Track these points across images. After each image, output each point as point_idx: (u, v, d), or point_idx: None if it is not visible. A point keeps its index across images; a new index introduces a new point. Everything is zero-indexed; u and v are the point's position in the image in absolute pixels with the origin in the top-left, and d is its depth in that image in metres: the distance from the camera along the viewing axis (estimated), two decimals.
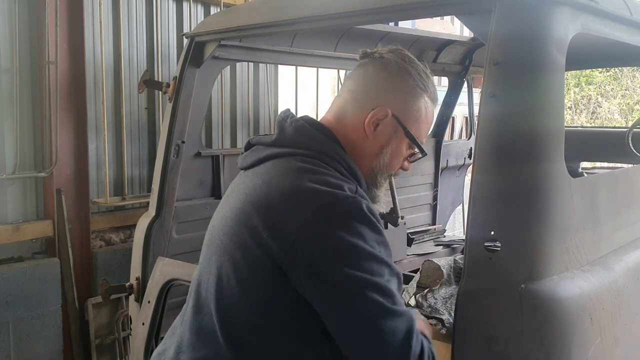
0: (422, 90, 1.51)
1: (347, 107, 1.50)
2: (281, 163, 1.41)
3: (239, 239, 1.37)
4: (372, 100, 1.48)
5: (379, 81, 1.50)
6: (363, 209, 1.31)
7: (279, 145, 1.45)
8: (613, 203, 1.99)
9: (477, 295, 1.63)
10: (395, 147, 1.50)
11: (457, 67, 4.11)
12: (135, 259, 2.81)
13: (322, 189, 1.31)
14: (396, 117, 1.47)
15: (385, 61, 1.51)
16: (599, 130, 5.16)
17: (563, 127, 1.69)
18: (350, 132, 1.48)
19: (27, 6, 3.55)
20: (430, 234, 4.10)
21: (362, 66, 1.54)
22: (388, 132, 1.48)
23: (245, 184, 1.45)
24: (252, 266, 1.34)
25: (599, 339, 1.70)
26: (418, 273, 2.18)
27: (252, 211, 1.35)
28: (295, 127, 1.47)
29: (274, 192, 1.35)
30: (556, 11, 1.67)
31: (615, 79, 13.25)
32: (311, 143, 1.43)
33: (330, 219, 1.28)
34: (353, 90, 1.51)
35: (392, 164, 1.53)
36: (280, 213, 1.31)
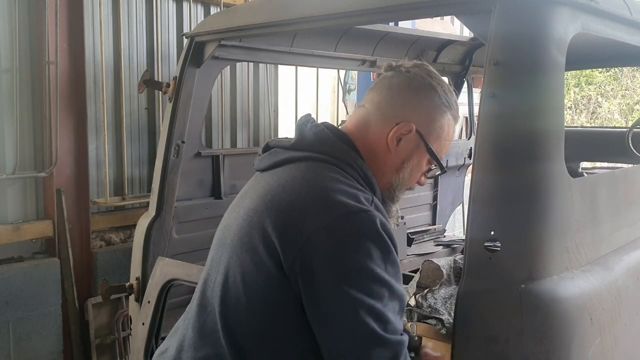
0: (447, 108, 1.51)
1: (370, 118, 1.49)
2: (298, 167, 1.40)
3: (249, 240, 1.36)
4: (396, 114, 1.47)
5: (405, 96, 1.49)
6: (376, 224, 1.29)
7: (297, 149, 1.44)
8: (613, 203, 1.99)
9: (477, 295, 1.62)
10: (416, 162, 1.50)
11: (457, 67, 4.11)
12: (135, 259, 2.81)
13: (336, 198, 1.30)
14: (420, 133, 1.46)
15: (411, 76, 1.50)
16: (599, 130, 5.16)
17: (563, 127, 1.69)
18: (372, 144, 1.47)
19: (27, 6, 3.55)
20: (430, 234, 4.10)
21: (387, 79, 1.53)
22: (410, 148, 1.48)
23: (261, 185, 1.44)
24: (259, 269, 1.33)
25: (599, 339, 1.70)
26: (418, 273, 2.19)
27: (265, 214, 1.34)
28: (315, 132, 1.45)
29: (288, 196, 1.34)
30: (556, 11, 1.67)
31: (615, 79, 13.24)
32: (330, 149, 1.42)
33: (339, 232, 1.26)
34: (377, 103, 1.50)
35: (411, 179, 1.53)
36: (292, 218, 1.30)
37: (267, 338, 1.35)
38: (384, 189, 1.49)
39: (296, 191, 1.34)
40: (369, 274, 1.26)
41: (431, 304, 1.98)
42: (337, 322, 1.27)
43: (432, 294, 2.04)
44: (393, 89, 1.50)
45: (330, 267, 1.25)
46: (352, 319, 1.25)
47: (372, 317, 1.25)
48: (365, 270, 1.26)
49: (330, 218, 1.27)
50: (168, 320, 2.78)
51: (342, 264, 1.25)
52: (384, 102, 1.49)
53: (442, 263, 2.19)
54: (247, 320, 1.35)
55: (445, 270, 2.14)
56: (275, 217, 1.32)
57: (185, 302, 3.28)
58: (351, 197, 1.31)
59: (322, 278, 1.26)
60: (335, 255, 1.25)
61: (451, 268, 2.18)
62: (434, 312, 1.95)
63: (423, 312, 1.95)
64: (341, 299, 1.25)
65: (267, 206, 1.35)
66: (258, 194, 1.41)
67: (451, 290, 2.06)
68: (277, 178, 1.41)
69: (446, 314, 1.93)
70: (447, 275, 2.13)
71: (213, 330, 1.39)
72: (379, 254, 1.27)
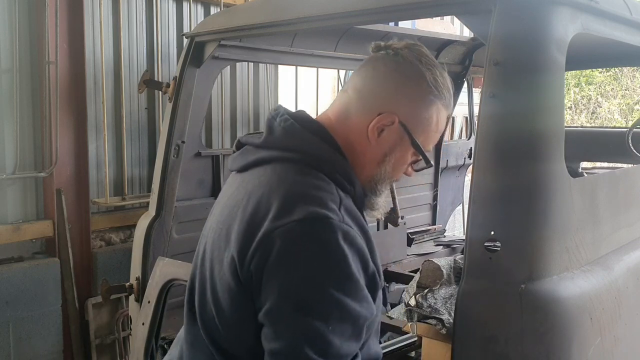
0: (436, 98, 1.36)
1: (351, 106, 1.37)
2: (265, 172, 1.30)
3: (218, 253, 1.30)
4: (379, 103, 1.34)
5: (390, 83, 1.35)
6: (335, 233, 1.15)
7: (266, 148, 1.34)
8: (613, 203, 1.99)
9: (477, 295, 1.62)
10: (400, 155, 1.38)
11: (457, 67, 4.11)
12: (135, 259, 2.81)
13: (296, 203, 1.19)
14: (403, 124, 1.34)
15: (399, 59, 1.35)
16: (599, 130, 5.16)
17: (563, 127, 1.69)
18: (351, 135, 1.35)
19: (27, 6, 3.55)
20: (430, 234, 4.10)
21: (373, 62, 1.39)
22: (393, 140, 1.35)
23: (232, 192, 1.37)
24: (223, 281, 1.26)
25: (599, 338, 1.70)
26: (418, 273, 2.19)
27: (231, 227, 1.27)
28: (284, 127, 1.33)
29: (252, 208, 1.24)
30: (556, 11, 1.67)
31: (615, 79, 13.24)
32: (301, 145, 1.30)
33: (291, 239, 1.15)
34: (359, 90, 1.37)
35: (395, 172, 1.42)
36: (251, 230, 1.20)
37: (244, 344, 1.28)
38: (365, 182, 1.38)
39: (259, 201, 1.24)
40: (314, 290, 1.13)
41: (431, 304, 1.98)
42: (273, 338, 1.16)
43: (432, 294, 2.04)
44: (378, 75, 1.36)
45: (276, 276, 1.15)
46: (286, 340, 1.14)
47: (307, 340, 1.12)
48: (311, 284, 1.13)
49: (285, 222, 1.15)
50: (168, 320, 2.77)
51: (286, 275, 1.14)
52: (367, 89, 1.36)
53: (442, 263, 2.19)
54: (223, 330, 1.30)
55: (446, 270, 2.14)
56: (237, 230, 1.24)
57: None
58: (314, 201, 1.19)
59: (267, 287, 1.16)
60: (283, 263, 1.14)
61: (451, 268, 2.18)
62: (434, 312, 1.95)
63: (423, 312, 1.95)
64: (279, 314, 1.15)
65: (234, 218, 1.27)
66: (227, 204, 1.35)
67: (451, 290, 2.06)
68: (245, 185, 1.32)
69: (446, 314, 1.93)
70: (447, 275, 2.13)
71: (203, 343, 1.35)
72: (331, 268, 1.14)
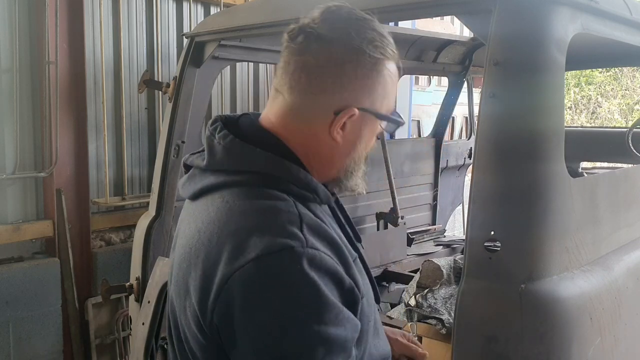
0: (381, 62, 1.20)
1: (295, 113, 1.20)
2: (213, 202, 1.17)
3: (180, 301, 1.19)
4: (329, 103, 1.18)
5: (330, 77, 1.17)
6: (299, 263, 1.02)
7: (212, 171, 1.20)
8: (613, 203, 1.99)
9: (477, 295, 1.62)
10: (369, 133, 1.26)
11: (457, 67, 4.11)
12: (135, 259, 2.81)
13: (248, 239, 1.05)
14: (363, 109, 1.20)
15: (324, 44, 1.16)
16: (599, 130, 5.16)
17: (563, 127, 1.69)
18: (311, 143, 1.21)
19: (27, 6, 3.55)
20: (430, 234, 4.10)
21: (298, 55, 1.18)
22: (359, 127, 1.22)
23: (185, 229, 1.24)
24: (190, 331, 1.16)
25: (598, 338, 1.70)
26: (418, 273, 2.19)
27: (186, 271, 1.15)
28: (224, 145, 1.18)
29: (202, 248, 1.12)
30: (556, 11, 1.67)
31: (615, 79, 13.25)
32: (248, 164, 1.16)
33: (250, 282, 1.02)
34: (298, 92, 1.19)
35: (367, 149, 1.30)
36: (206, 275, 1.09)
37: None
38: (338, 174, 1.27)
39: (210, 242, 1.11)
40: (292, 333, 1.01)
41: (431, 304, 1.98)
42: None
43: (432, 294, 2.04)
44: (312, 72, 1.17)
45: (246, 329, 1.03)
46: None
47: None
48: (286, 329, 1.01)
49: (240, 265, 1.03)
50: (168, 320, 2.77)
51: (257, 326, 1.02)
52: (307, 90, 1.18)
53: (442, 263, 2.19)
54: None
55: (445, 270, 2.14)
56: (193, 277, 1.12)
57: None
58: (269, 231, 1.06)
59: (240, 342, 1.04)
60: (248, 312, 1.02)
61: (451, 268, 2.18)
62: (434, 312, 1.95)
63: (423, 312, 1.95)
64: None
65: (188, 264, 1.15)
66: (182, 243, 1.22)
67: (451, 290, 2.06)
68: (195, 220, 1.19)
69: (446, 314, 1.93)
70: (447, 275, 2.13)
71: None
72: (304, 304, 1.02)
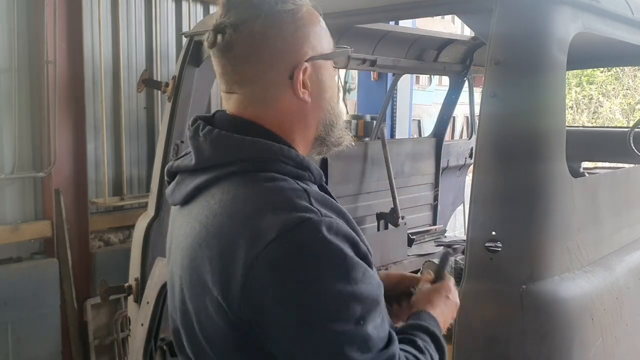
0: (297, 9, 1.20)
1: (256, 99, 1.21)
2: (213, 196, 1.17)
3: (198, 302, 1.17)
4: (280, 72, 1.19)
5: (266, 51, 1.18)
6: (320, 231, 1.05)
7: (203, 169, 1.19)
8: (614, 203, 1.99)
9: (478, 296, 1.62)
10: (329, 78, 1.26)
11: (457, 67, 4.10)
12: (134, 259, 2.80)
13: (262, 220, 1.07)
14: (311, 58, 1.20)
15: (243, 27, 1.17)
16: (600, 130, 5.15)
17: (564, 127, 1.68)
18: (282, 118, 1.22)
19: (26, 5, 3.54)
20: (431, 234, 4.09)
21: (227, 51, 1.20)
22: (317, 75, 1.22)
23: (185, 231, 1.22)
24: (216, 327, 1.15)
25: (600, 339, 1.69)
26: (418, 274, 2.17)
27: (200, 268, 1.14)
28: (211, 140, 1.19)
29: (215, 240, 1.12)
30: (557, 10, 1.66)
31: (616, 79, 13.25)
32: (237, 153, 1.17)
33: (277, 260, 1.04)
34: (249, 80, 1.20)
35: (334, 95, 1.29)
36: (225, 265, 1.08)
37: None
38: (318, 135, 1.27)
39: (222, 233, 1.11)
40: (327, 298, 1.04)
41: None
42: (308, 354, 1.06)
43: None
44: (248, 58, 1.19)
45: (281, 305, 1.05)
46: (327, 355, 1.05)
47: (348, 346, 1.05)
48: (321, 295, 1.04)
49: (261, 248, 1.04)
50: (167, 321, 2.76)
51: (292, 299, 1.04)
52: (254, 75, 1.20)
53: None
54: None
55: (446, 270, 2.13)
56: (211, 271, 1.11)
57: None
58: (282, 208, 1.08)
59: (277, 320, 1.06)
60: (282, 292, 1.04)
61: (452, 268, 2.16)
62: None
63: None
64: (306, 340, 1.06)
65: (201, 260, 1.14)
66: (185, 245, 1.21)
67: None
68: (198, 218, 1.18)
69: None
70: None
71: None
72: (332, 267, 1.06)
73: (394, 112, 6.17)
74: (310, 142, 1.28)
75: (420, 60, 3.86)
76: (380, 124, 4.24)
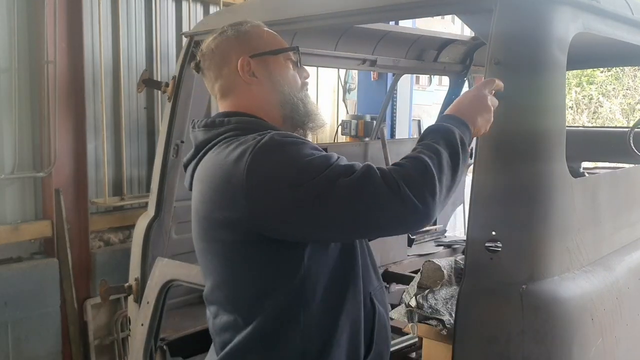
0: (240, 28, 1.62)
1: (230, 96, 1.60)
2: (209, 159, 1.49)
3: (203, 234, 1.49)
4: (232, 69, 1.58)
5: (224, 59, 1.60)
6: (273, 136, 1.37)
7: (197, 151, 1.55)
8: (614, 203, 1.99)
9: (478, 296, 1.62)
10: (278, 68, 1.59)
11: (457, 67, 4.10)
12: (134, 259, 2.80)
13: (239, 149, 1.38)
14: (253, 55, 1.57)
15: (214, 50, 1.62)
16: (600, 130, 5.15)
17: (564, 127, 1.68)
18: (250, 102, 1.57)
19: (26, 5, 3.54)
20: (431, 235, 4.09)
21: (208, 72, 1.64)
22: (262, 66, 1.57)
23: (194, 197, 1.54)
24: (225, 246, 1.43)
25: (600, 339, 1.69)
26: (419, 274, 2.17)
27: (197, 207, 1.49)
28: (206, 122, 1.56)
29: (207, 180, 1.45)
30: (557, 10, 1.66)
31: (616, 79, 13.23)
32: (231, 123, 1.51)
33: (259, 163, 1.33)
34: (216, 82, 1.62)
35: (292, 81, 1.60)
36: (221, 186, 1.39)
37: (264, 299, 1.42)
38: (284, 112, 1.58)
39: (213, 171, 1.43)
40: (302, 162, 1.31)
41: (432, 305, 1.97)
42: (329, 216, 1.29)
43: (433, 294, 2.02)
44: (219, 72, 1.61)
45: (275, 190, 1.31)
46: (334, 200, 1.27)
47: (341, 176, 1.28)
48: (297, 163, 1.31)
49: (246, 159, 1.34)
50: (167, 321, 2.76)
51: (280, 182, 1.30)
52: (217, 73, 1.61)
53: (442, 263, 2.17)
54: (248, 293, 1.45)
55: (446, 270, 2.13)
56: (219, 197, 1.40)
57: (184, 302, 3.29)
58: (248, 140, 1.39)
59: (277, 204, 1.31)
60: (269, 180, 1.32)
61: (452, 269, 2.16)
62: (435, 312, 1.94)
63: (424, 313, 1.94)
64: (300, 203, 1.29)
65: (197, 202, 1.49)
66: (194, 200, 1.54)
67: (452, 291, 2.05)
68: (197, 180, 1.52)
69: (447, 315, 1.92)
70: (447, 275, 2.12)
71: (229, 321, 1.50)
72: (296, 149, 1.34)
73: (394, 112, 6.16)
74: (280, 119, 1.58)
75: (420, 60, 3.86)
76: (380, 124, 4.24)
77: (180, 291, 3.19)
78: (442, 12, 2.00)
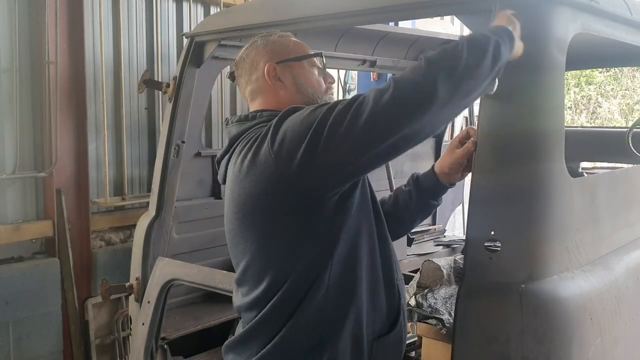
0: (266, 37, 1.80)
1: (260, 97, 1.77)
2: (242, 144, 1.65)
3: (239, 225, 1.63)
4: (260, 75, 1.75)
5: (253, 65, 1.78)
6: (289, 109, 1.57)
7: (230, 145, 1.71)
8: (613, 203, 1.99)
9: (477, 296, 1.62)
10: (300, 71, 1.74)
11: None
12: (135, 259, 2.81)
13: (264, 130, 1.57)
14: (279, 62, 1.73)
15: (244, 59, 1.81)
16: (599, 130, 5.16)
17: (563, 127, 1.69)
18: (274, 101, 1.73)
19: (27, 6, 3.55)
20: (430, 234, 4.10)
21: (240, 78, 1.83)
22: (288, 71, 1.73)
23: (228, 186, 1.70)
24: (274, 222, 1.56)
25: (599, 339, 1.70)
26: (418, 273, 2.18)
27: (230, 199, 1.64)
28: (239, 117, 1.73)
29: (242, 157, 1.60)
30: (556, 11, 1.67)
31: (615, 79, 13.21)
32: (259, 117, 1.69)
33: (276, 130, 1.52)
34: (253, 90, 1.78)
35: (316, 85, 1.76)
36: (252, 166, 1.56)
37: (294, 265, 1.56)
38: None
39: (244, 153, 1.60)
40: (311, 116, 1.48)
41: (431, 304, 1.98)
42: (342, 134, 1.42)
43: (433, 294, 2.03)
44: (249, 78, 1.79)
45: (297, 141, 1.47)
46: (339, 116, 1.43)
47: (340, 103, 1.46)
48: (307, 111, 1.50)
49: (268, 133, 1.54)
50: (168, 320, 2.77)
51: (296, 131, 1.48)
52: (248, 78, 1.79)
53: (442, 263, 2.18)
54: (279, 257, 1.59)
55: (446, 270, 2.14)
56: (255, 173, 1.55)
57: (185, 302, 3.30)
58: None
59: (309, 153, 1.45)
60: (287, 135, 1.49)
61: (451, 268, 2.17)
62: (434, 312, 1.94)
63: (423, 312, 1.95)
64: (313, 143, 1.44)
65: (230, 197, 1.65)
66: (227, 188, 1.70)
67: (451, 291, 2.06)
68: (230, 171, 1.68)
69: (446, 314, 1.93)
70: (447, 275, 2.13)
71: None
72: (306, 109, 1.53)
73: None
74: None
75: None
76: None
77: (181, 290, 3.20)
78: (442, 13, 2.01)
